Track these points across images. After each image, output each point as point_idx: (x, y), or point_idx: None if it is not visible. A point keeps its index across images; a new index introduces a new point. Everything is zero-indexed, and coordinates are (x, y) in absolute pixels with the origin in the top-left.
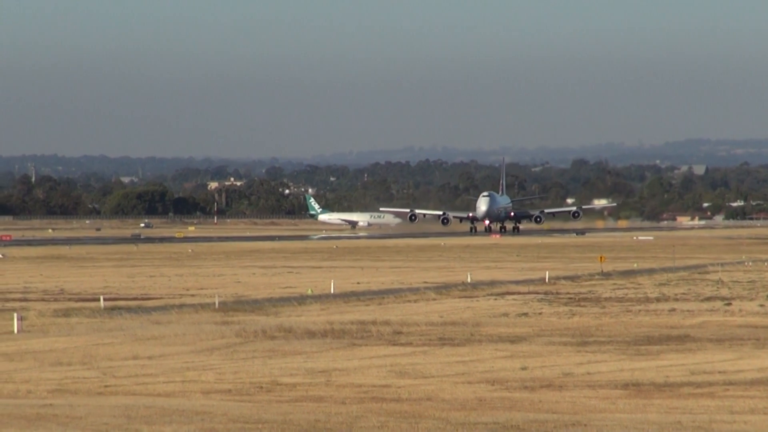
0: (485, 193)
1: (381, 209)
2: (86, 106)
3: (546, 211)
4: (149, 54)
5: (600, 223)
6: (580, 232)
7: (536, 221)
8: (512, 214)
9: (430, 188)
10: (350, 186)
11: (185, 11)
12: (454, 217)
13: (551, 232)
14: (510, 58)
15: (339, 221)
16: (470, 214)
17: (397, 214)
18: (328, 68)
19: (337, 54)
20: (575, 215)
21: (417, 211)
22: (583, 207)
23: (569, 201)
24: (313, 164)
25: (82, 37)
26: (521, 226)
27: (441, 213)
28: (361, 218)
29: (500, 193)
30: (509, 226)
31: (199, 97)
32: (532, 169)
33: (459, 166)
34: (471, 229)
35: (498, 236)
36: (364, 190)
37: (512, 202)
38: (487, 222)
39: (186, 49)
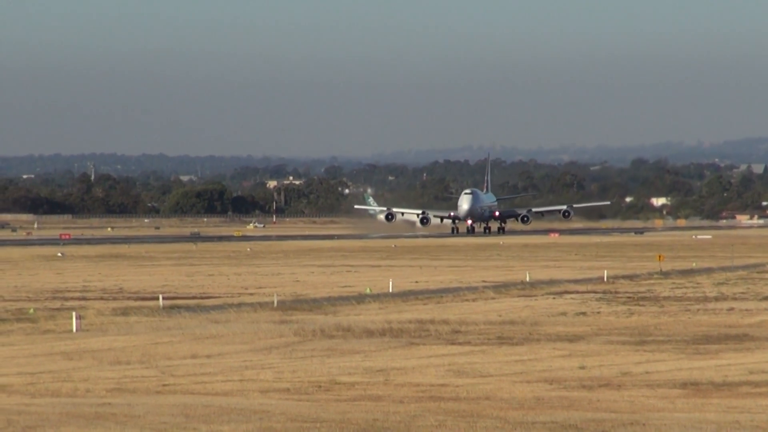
0: (468, 191)
1: (356, 206)
2: (145, 106)
3: (534, 210)
4: (208, 54)
5: (658, 222)
6: (639, 231)
7: (523, 221)
8: (497, 213)
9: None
10: (409, 185)
11: (246, 13)
12: (434, 216)
13: (576, 232)
14: (569, 58)
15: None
16: (451, 213)
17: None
18: (388, 68)
19: (396, 54)
20: (565, 215)
21: (394, 209)
22: (575, 206)
23: (628, 200)
24: (372, 163)
25: (139, 38)
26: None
27: (420, 212)
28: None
29: (485, 190)
30: (494, 226)
31: (258, 96)
32: (591, 168)
33: (518, 165)
34: (453, 229)
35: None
36: (423, 189)
37: (498, 200)
38: (469, 222)
39: (245, 50)
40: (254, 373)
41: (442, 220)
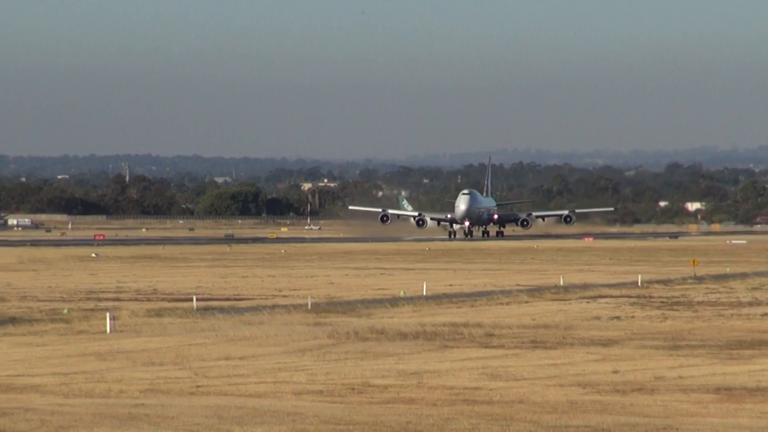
0: (465, 191)
1: (350, 207)
2: (180, 107)
3: (535, 214)
4: (244, 56)
5: (693, 227)
6: (674, 236)
7: (522, 225)
8: (496, 216)
9: (523, 191)
10: (443, 188)
11: (282, 15)
12: (431, 219)
13: (585, 236)
14: (606, 61)
15: None
16: (449, 216)
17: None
18: (422, 71)
19: (430, 57)
20: (567, 219)
21: (390, 211)
22: (577, 211)
23: (662, 204)
24: (406, 165)
25: (175, 40)
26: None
27: (416, 214)
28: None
29: (485, 194)
30: (493, 230)
31: (294, 98)
32: (626, 173)
33: (552, 168)
34: (450, 233)
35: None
36: (457, 193)
37: (498, 205)
38: (467, 224)
39: (281, 52)
40: (288, 375)
41: (439, 223)
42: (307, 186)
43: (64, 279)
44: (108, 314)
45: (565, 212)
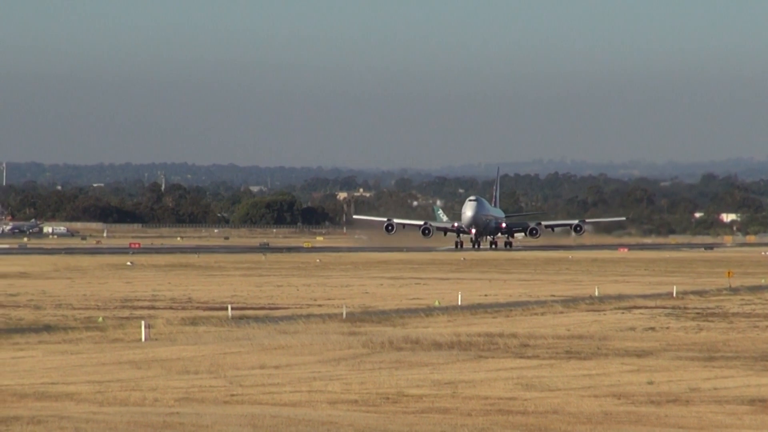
0: (472, 197)
1: (355, 216)
2: (216, 116)
3: (544, 223)
4: (280, 65)
5: (728, 238)
6: (709, 247)
7: (531, 234)
8: (503, 225)
9: (558, 201)
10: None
11: (317, 25)
12: (438, 228)
13: (587, 247)
14: (642, 72)
15: None
16: (455, 224)
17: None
18: (458, 80)
19: (466, 67)
20: (577, 229)
21: (395, 221)
22: (588, 221)
23: (697, 215)
24: (442, 175)
25: (212, 49)
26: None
27: (422, 223)
28: None
29: (493, 204)
30: (501, 240)
31: (329, 108)
32: (661, 184)
33: (588, 179)
34: (456, 243)
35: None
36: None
37: (507, 216)
38: (473, 231)
39: (318, 62)
40: (322, 385)
41: (445, 233)
42: (342, 195)
43: (100, 287)
44: (143, 322)
45: (575, 221)
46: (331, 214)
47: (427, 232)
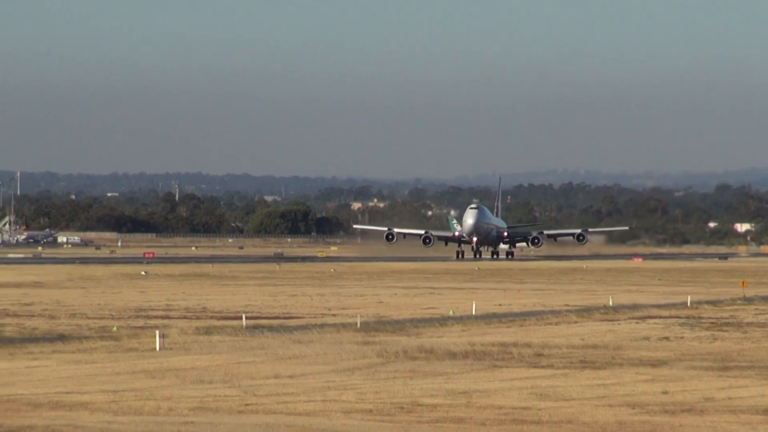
0: (473, 205)
1: (355, 226)
2: (230, 126)
3: (546, 233)
4: (293, 75)
5: (742, 248)
6: (723, 257)
7: (533, 243)
8: (505, 234)
9: (572, 211)
10: (493, 208)
11: (332, 36)
12: (439, 238)
13: (596, 257)
14: (655, 83)
15: None
16: (456, 233)
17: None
18: (472, 91)
19: (481, 77)
20: (580, 238)
21: (396, 230)
22: (590, 230)
23: (711, 225)
24: (456, 185)
25: (225, 59)
26: (516, 251)
27: (423, 232)
28: None
29: (495, 214)
30: (502, 251)
31: (343, 118)
32: (675, 194)
33: (602, 189)
34: (458, 253)
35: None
36: (507, 213)
37: (509, 227)
38: (475, 239)
39: (331, 73)
40: (337, 394)
41: (446, 243)
42: (356, 205)
43: (114, 296)
44: (157, 332)
45: (578, 231)
46: (345, 224)
47: (427, 241)
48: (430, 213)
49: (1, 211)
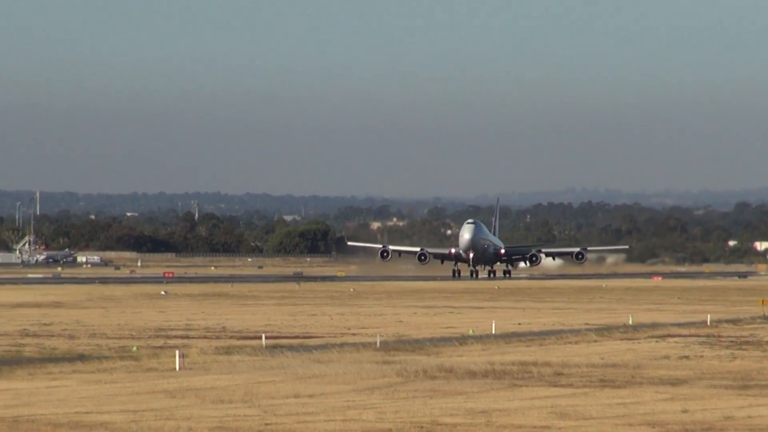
0: (470, 220)
1: (349, 243)
2: (249, 146)
3: (544, 251)
4: (313, 97)
5: (761, 267)
6: (742, 276)
7: (531, 261)
8: (502, 251)
9: (592, 230)
10: (512, 227)
11: (349, 58)
12: (435, 256)
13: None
14: (673, 102)
15: None
16: (452, 251)
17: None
18: (491, 111)
19: (500, 97)
20: (579, 257)
21: (390, 247)
22: (589, 249)
23: (731, 243)
24: (475, 204)
25: (246, 81)
26: (513, 270)
27: (418, 249)
28: None
29: (493, 233)
30: (499, 269)
31: (362, 137)
32: (695, 213)
33: (621, 208)
34: (454, 272)
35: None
36: (526, 232)
37: (506, 248)
38: (471, 255)
39: (350, 94)
40: (357, 413)
41: (442, 261)
42: (376, 224)
43: (133, 316)
44: (177, 352)
45: (576, 249)
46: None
47: (423, 258)
48: (449, 232)
49: (21, 231)
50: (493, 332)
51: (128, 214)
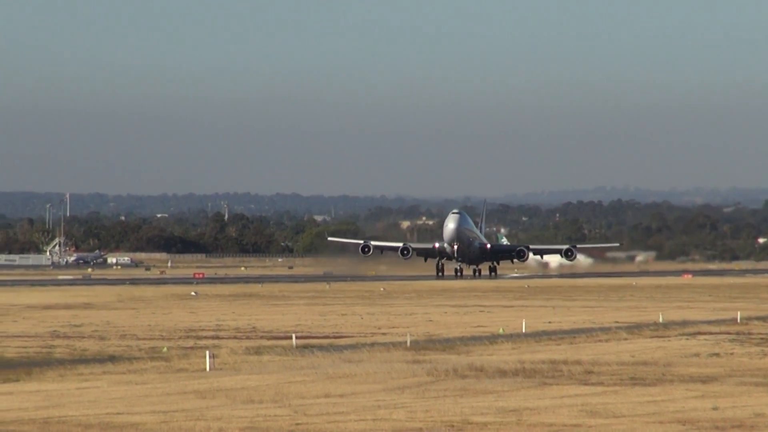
0: (455, 210)
1: (330, 239)
2: (279, 146)
3: (532, 247)
4: (343, 97)
5: None
6: None
7: (518, 256)
8: (488, 246)
9: (622, 228)
10: (542, 226)
11: (381, 58)
12: (418, 252)
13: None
14: (704, 100)
15: None
16: (436, 245)
17: (349, 245)
18: (521, 110)
19: (529, 96)
20: (568, 254)
21: (372, 243)
22: (579, 246)
23: (761, 241)
24: (505, 203)
25: (276, 82)
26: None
27: (401, 245)
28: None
29: (480, 232)
30: (485, 268)
31: (392, 137)
32: (724, 210)
33: (651, 206)
34: (437, 268)
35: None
36: (556, 230)
37: (491, 246)
38: (456, 247)
39: (380, 94)
40: (387, 413)
41: (426, 258)
42: (405, 224)
43: (164, 317)
44: (207, 352)
45: (565, 246)
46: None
47: (405, 253)
48: None
49: (51, 233)
50: (524, 331)
51: (158, 215)
